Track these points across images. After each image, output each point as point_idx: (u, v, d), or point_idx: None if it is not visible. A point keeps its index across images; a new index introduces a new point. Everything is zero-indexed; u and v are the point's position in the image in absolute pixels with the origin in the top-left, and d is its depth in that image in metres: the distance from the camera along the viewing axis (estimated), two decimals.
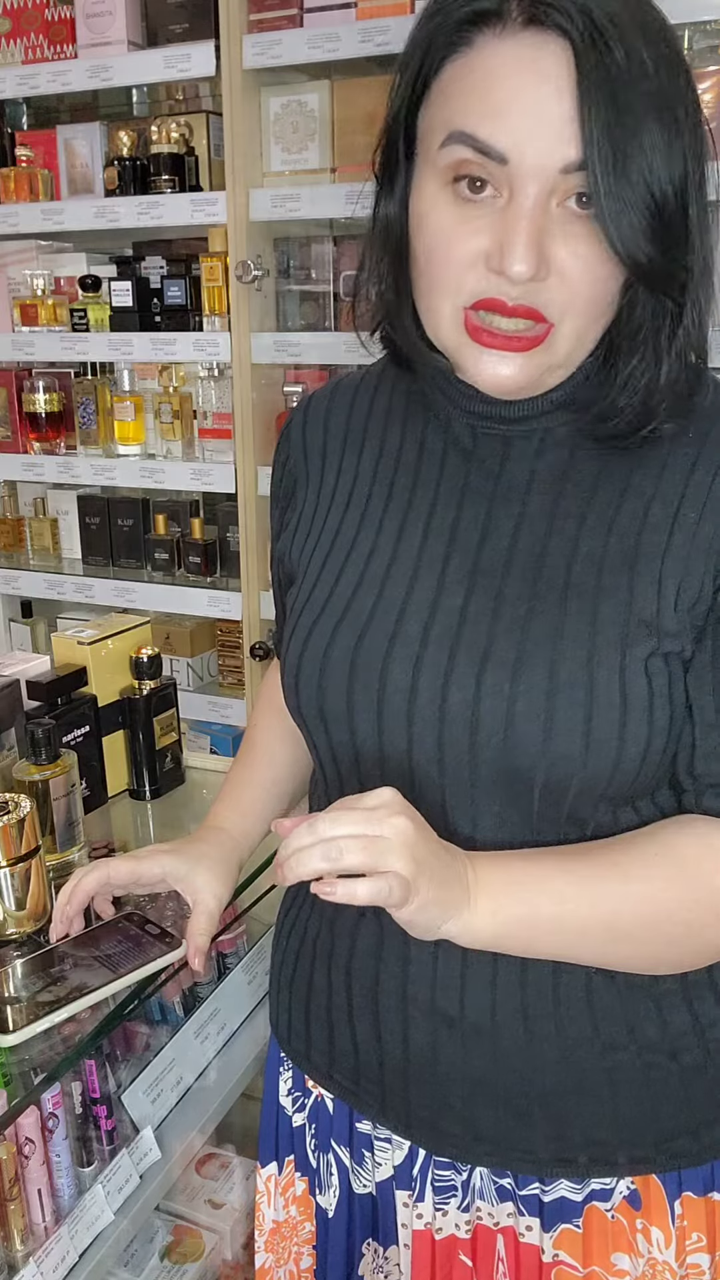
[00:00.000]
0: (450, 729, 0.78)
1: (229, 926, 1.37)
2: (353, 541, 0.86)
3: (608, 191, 0.67)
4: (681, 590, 0.76)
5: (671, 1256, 0.86)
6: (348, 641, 0.82)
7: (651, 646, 0.76)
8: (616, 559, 0.77)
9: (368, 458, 0.89)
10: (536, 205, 0.69)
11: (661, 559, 0.76)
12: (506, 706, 0.76)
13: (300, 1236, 1.03)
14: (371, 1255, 0.98)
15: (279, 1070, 1.02)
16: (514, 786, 0.78)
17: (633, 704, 0.75)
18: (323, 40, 1.75)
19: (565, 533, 0.79)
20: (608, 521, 0.78)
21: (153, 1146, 1.16)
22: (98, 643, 1.39)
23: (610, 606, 0.76)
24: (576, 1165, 0.84)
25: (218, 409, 2.06)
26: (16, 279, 2.24)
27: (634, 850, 0.78)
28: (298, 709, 0.86)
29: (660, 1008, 0.83)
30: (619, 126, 0.66)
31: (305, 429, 0.94)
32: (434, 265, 0.74)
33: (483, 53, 0.69)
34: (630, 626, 0.75)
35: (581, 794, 0.77)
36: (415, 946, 0.83)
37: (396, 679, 0.79)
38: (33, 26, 2.07)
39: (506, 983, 0.82)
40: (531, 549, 0.79)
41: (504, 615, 0.78)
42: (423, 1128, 0.87)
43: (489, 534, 0.81)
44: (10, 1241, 1.04)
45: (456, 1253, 0.91)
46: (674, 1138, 0.84)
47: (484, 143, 0.69)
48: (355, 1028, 0.89)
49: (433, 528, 0.83)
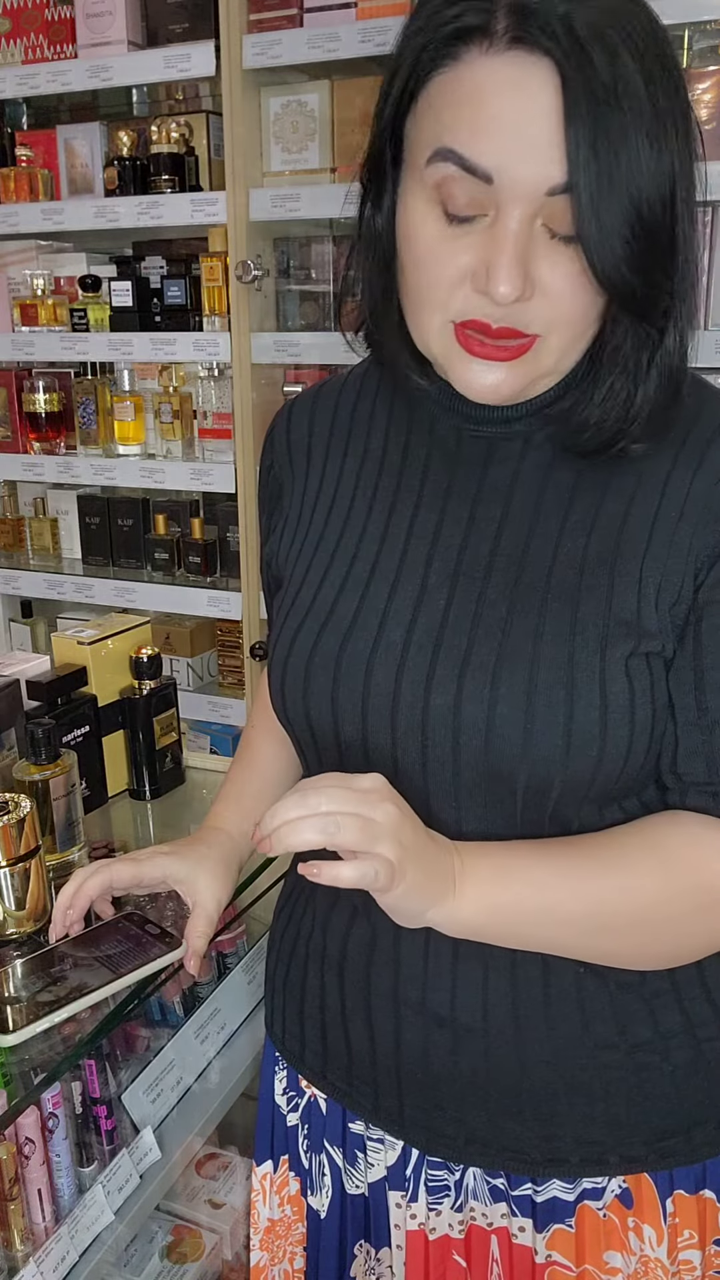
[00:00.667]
0: (433, 733, 0.78)
1: (228, 926, 1.37)
2: (336, 544, 0.86)
3: (590, 218, 0.67)
4: (661, 590, 0.76)
5: (664, 1254, 0.87)
6: (331, 646, 0.82)
7: (631, 646, 0.76)
8: (596, 559, 0.77)
9: (351, 461, 0.89)
10: (522, 226, 0.69)
11: (641, 559, 0.77)
12: (487, 710, 0.76)
13: (293, 1236, 1.03)
14: (364, 1257, 0.98)
15: (274, 1069, 1.02)
16: (497, 789, 0.78)
17: (613, 704, 0.75)
18: (323, 40, 1.75)
19: (547, 534, 0.79)
20: (589, 522, 0.78)
21: (153, 1147, 1.16)
22: (98, 643, 1.39)
23: (590, 607, 0.76)
24: (568, 1165, 0.85)
25: (218, 409, 2.06)
26: (16, 279, 2.24)
27: (619, 843, 0.78)
28: (284, 712, 0.87)
29: (651, 1007, 0.83)
30: (607, 151, 0.65)
31: (290, 432, 0.94)
32: (421, 280, 0.74)
33: (469, 69, 0.68)
34: (610, 626, 0.76)
35: (564, 794, 0.77)
36: (406, 947, 0.84)
37: (379, 683, 0.80)
38: (33, 26, 2.07)
39: (497, 983, 0.82)
40: (513, 550, 0.79)
41: (484, 617, 0.78)
42: (415, 1128, 0.88)
43: (471, 536, 0.81)
44: (10, 1242, 1.04)
45: (450, 1253, 0.91)
46: (666, 1137, 0.84)
47: (470, 161, 0.68)
48: (348, 1028, 0.89)
49: (415, 530, 0.83)
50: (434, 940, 0.82)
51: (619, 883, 0.77)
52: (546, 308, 0.71)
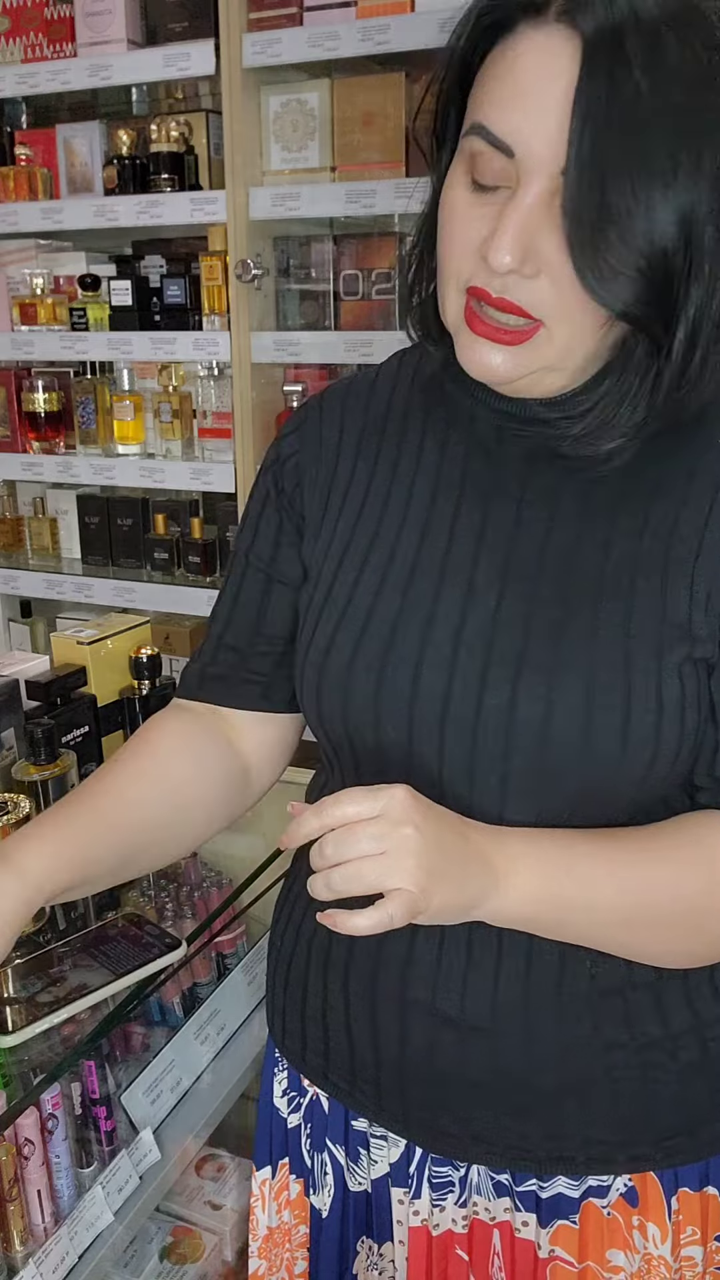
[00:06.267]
0: (484, 735, 0.77)
1: (228, 927, 1.37)
2: (370, 543, 0.85)
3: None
4: (712, 596, 0.76)
5: (667, 1251, 0.87)
6: (375, 647, 0.81)
7: (685, 651, 0.76)
8: (648, 562, 0.77)
9: (385, 459, 0.88)
10: (537, 200, 0.68)
11: (694, 563, 0.76)
12: (544, 710, 0.75)
13: (295, 1240, 1.02)
14: (366, 1253, 0.98)
15: (274, 1071, 1.02)
16: (544, 791, 0.77)
17: (668, 707, 0.75)
18: (323, 39, 1.75)
19: (596, 535, 0.78)
20: (639, 523, 0.78)
21: (152, 1147, 1.16)
22: (97, 642, 1.39)
23: (644, 610, 0.76)
24: (574, 1164, 0.84)
25: (217, 408, 2.06)
26: (16, 278, 2.23)
27: (662, 837, 0.78)
28: (318, 716, 0.85)
29: (661, 1006, 0.83)
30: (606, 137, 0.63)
31: (323, 425, 0.92)
32: (444, 249, 0.74)
33: (514, 41, 0.68)
34: (665, 630, 0.75)
35: (612, 796, 0.77)
36: (420, 948, 0.83)
37: (430, 685, 0.79)
38: (32, 25, 2.06)
39: (509, 985, 0.82)
40: (563, 551, 0.78)
41: (538, 618, 0.77)
42: (420, 1127, 0.87)
43: (519, 536, 0.80)
44: (10, 1242, 1.04)
45: (453, 1248, 0.91)
46: (672, 1136, 0.84)
47: (494, 135, 0.68)
48: (351, 1028, 0.89)
49: (458, 530, 0.82)
50: (448, 942, 0.82)
51: (666, 875, 0.77)
52: (550, 290, 0.70)
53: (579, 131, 0.64)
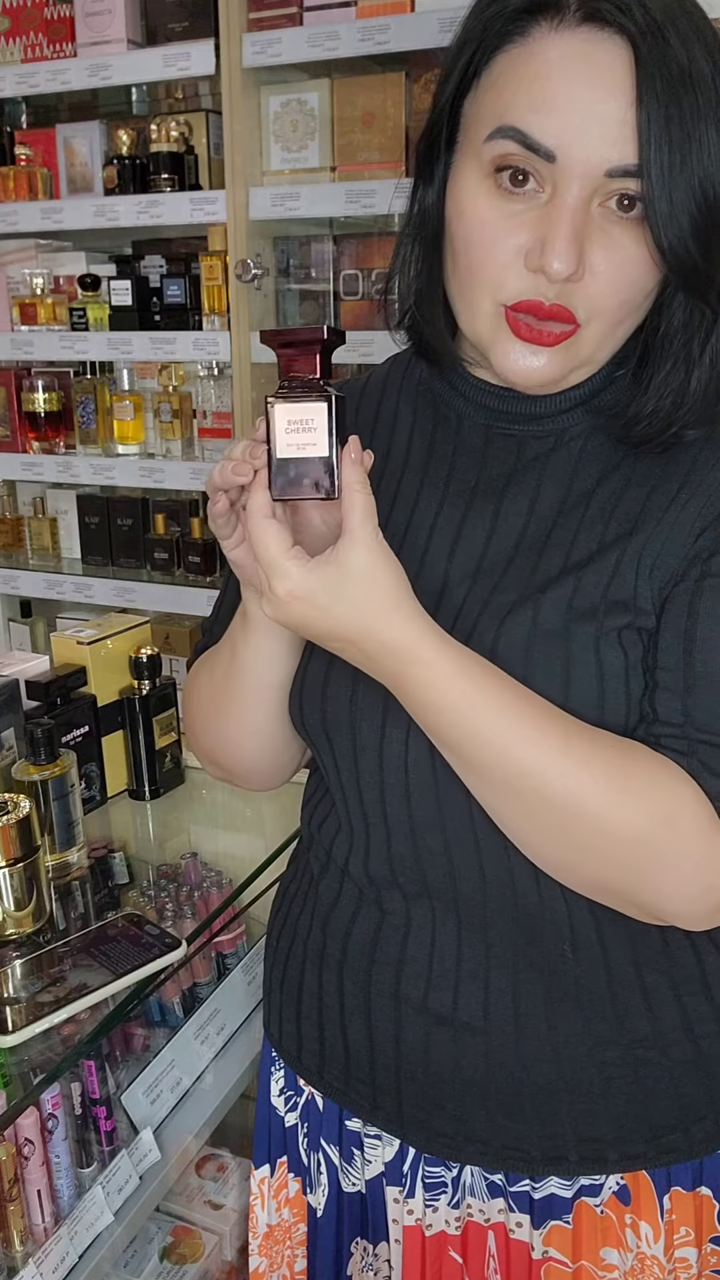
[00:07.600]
0: None
1: (228, 926, 1.37)
2: None
3: (661, 195, 0.67)
4: (656, 567, 0.76)
5: (660, 1251, 0.87)
6: None
7: (627, 619, 0.76)
8: (612, 543, 0.77)
9: (375, 460, 0.89)
10: (579, 204, 0.69)
11: (646, 542, 0.76)
12: None
13: (294, 1238, 1.03)
14: (360, 1254, 0.98)
15: (270, 1070, 1.02)
16: None
17: (609, 673, 0.75)
18: (322, 39, 1.75)
19: (568, 525, 0.79)
20: (610, 509, 0.78)
21: (152, 1147, 1.16)
22: (97, 642, 1.39)
23: (591, 582, 0.76)
24: (568, 1163, 0.85)
25: (217, 408, 2.06)
26: (16, 278, 2.23)
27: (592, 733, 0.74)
28: (300, 719, 0.87)
29: (650, 1004, 0.83)
30: (679, 130, 0.66)
31: None
32: (473, 259, 0.74)
33: (538, 45, 0.68)
34: (606, 601, 0.76)
35: None
36: (412, 947, 0.84)
37: None
38: (32, 25, 2.06)
39: (499, 982, 0.82)
40: (534, 545, 0.79)
41: (492, 604, 0.78)
42: (414, 1127, 0.88)
43: (495, 533, 0.81)
44: (10, 1242, 1.04)
45: (446, 1249, 0.91)
46: (665, 1134, 0.85)
47: (533, 139, 0.68)
48: (346, 1028, 0.89)
49: (438, 529, 0.83)
50: (439, 939, 0.83)
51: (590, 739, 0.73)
52: (594, 291, 0.71)
53: (647, 121, 0.66)
